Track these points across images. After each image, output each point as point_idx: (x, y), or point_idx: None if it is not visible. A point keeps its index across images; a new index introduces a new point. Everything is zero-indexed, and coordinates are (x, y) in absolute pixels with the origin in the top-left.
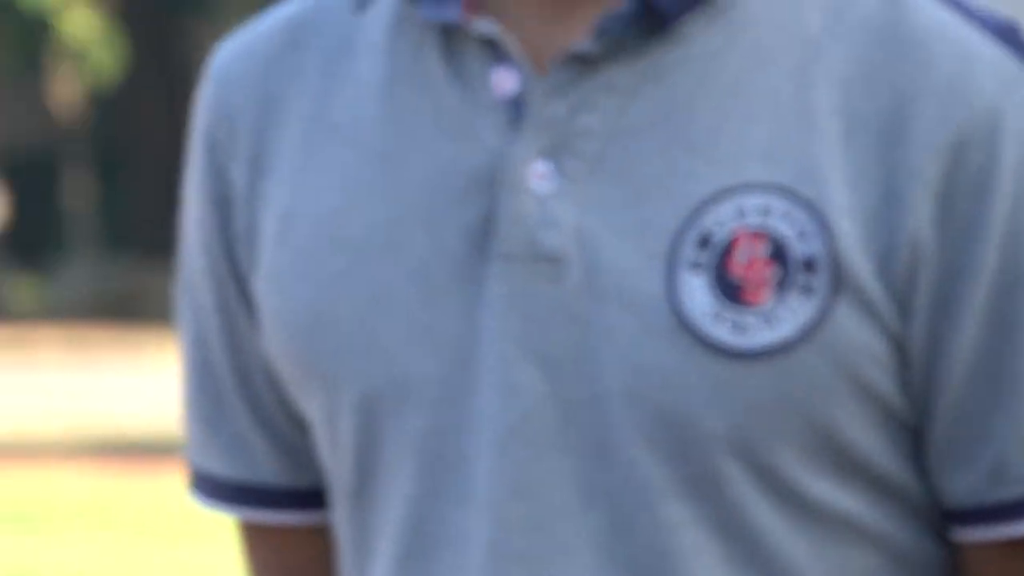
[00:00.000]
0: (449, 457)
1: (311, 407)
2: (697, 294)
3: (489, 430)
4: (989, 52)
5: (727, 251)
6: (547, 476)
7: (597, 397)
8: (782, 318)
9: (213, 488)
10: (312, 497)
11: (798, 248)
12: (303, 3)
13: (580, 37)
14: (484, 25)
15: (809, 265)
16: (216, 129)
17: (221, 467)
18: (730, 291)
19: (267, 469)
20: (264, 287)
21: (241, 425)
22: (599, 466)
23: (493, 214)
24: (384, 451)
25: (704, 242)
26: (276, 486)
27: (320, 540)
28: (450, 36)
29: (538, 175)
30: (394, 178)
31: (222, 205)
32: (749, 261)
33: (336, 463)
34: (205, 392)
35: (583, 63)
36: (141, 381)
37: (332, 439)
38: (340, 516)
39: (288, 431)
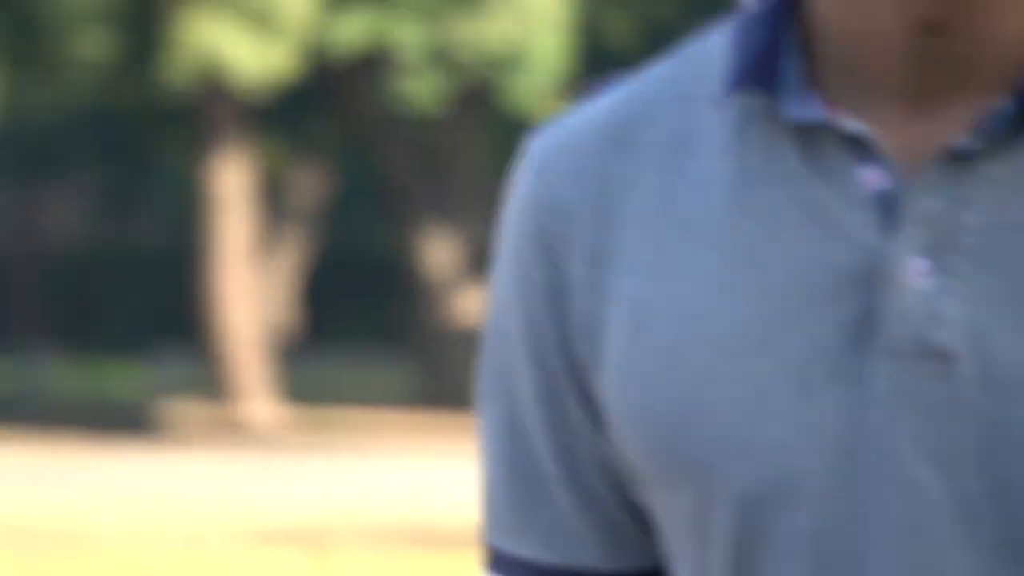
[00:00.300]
0: (841, 555)
1: (669, 499)
2: None
3: (886, 528)
4: None
5: None
6: (951, 573)
7: (1002, 492)
8: None
9: (524, 573)
10: None
11: None
12: (618, 97)
13: (948, 133)
14: (852, 124)
15: None
16: (546, 220)
17: (536, 553)
18: None
19: (589, 554)
20: (617, 382)
21: (564, 511)
22: (1005, 562)
23: (873, 311)
24: (768, 546)
25: None
26: (597, 570)
27: None
28: (808, 134)
29: (918, 272)
30: (759, 275)
31: (556, 295)
32: None
33: (704, 556)
34: (518, 479)
35: (960, 159)
36: None
37: (700, 533)
38: None
39: (618, 516)
